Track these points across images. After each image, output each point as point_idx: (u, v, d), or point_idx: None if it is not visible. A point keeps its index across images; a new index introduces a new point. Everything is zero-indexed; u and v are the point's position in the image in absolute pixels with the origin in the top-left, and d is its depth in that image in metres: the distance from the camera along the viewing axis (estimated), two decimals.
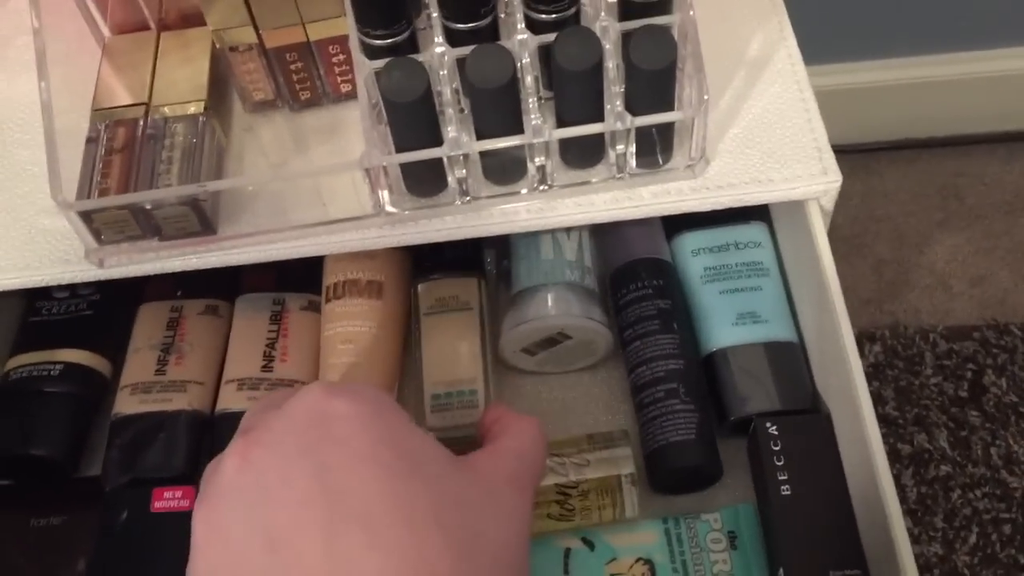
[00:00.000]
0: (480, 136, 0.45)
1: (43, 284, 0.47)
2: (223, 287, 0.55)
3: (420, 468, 0.30)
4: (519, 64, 0.43)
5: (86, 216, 0.45)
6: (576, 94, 0.44)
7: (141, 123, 0.48)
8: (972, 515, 1.09)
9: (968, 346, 1.19)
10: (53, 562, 0.47)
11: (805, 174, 0.47)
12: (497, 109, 0.44)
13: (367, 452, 0.29)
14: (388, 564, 0.28)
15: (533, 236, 0.52)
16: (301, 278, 0.54)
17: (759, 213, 0.55)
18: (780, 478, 0.47)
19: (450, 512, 0.29)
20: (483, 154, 0.45)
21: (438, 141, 0.45)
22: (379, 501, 0.28)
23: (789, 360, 0.51)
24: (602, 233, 0.54)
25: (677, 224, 0.55)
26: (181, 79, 0.49)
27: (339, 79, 0.50)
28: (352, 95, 0.51)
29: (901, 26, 1.18)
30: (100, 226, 0.45)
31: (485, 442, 0.36)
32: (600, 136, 0.46)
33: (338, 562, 0.28)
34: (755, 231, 0.54)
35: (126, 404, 0.50)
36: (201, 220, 0.46)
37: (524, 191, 0.47)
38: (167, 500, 0.47)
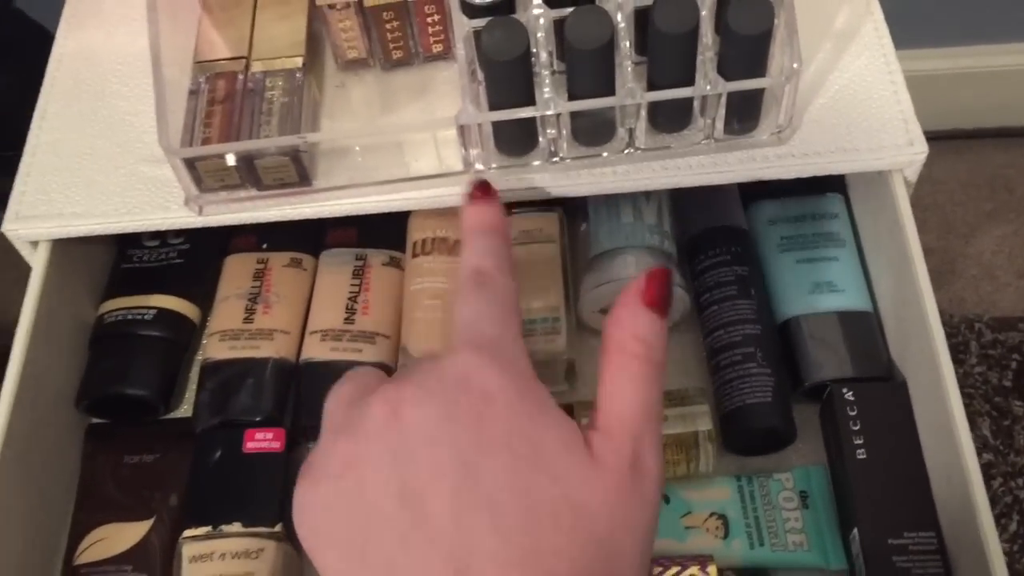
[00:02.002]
0: (573, 97, 0.46)
1: (145, 229, 0.48)
2: (306, 242, 0.56)
3: (549, 461, 0.30)
4: (616, 27, 0.44)
5: (190, 163, 0.46)
6: (671, 58, 0.45)
7: (241, 76, 0.49)
8: (1013, 503, 1.09)
9: (1013, 336, 1.19)
10: (147, 496, 0.49)
11: (891, 144, 0.48)
12: (593, 70, 0.45)
13: (502, 438, 0.30)
14: (506, 550, 0.28)
15: (614, 200, 0.53)
16: (382, 235, 0.56)
17: (835, 185, 0.56)
18: (856, 442, 0.47)
19: (571, 514, 0.29)
20: (574, 115, 0.46)
21: (532, 101, 0.46)
22: (506, 488, 0.29)
23: (864, 329, 0.51)
24: (680, 200, 0.55)
25: (752, 194, 0.56)
26: (279, 35, 0.50)
27: (431, 39, 0.51)
28: (442, 56, 0.52)
29: (952, 15, 1.17)
30: (202, 174, 0.47)
31: (597, 410, 0.33)
32: (689, 101, 0.47)
33: (461, 534, 0.28)
34: (832, 203, 0.55)
35: (216, 350, 0.52)
36: (299, 171, 0.47)
37: (612, 154, 0.48)
38: (259, 441, 0.49)
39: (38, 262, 0.50)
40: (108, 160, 0.50)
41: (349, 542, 0.30)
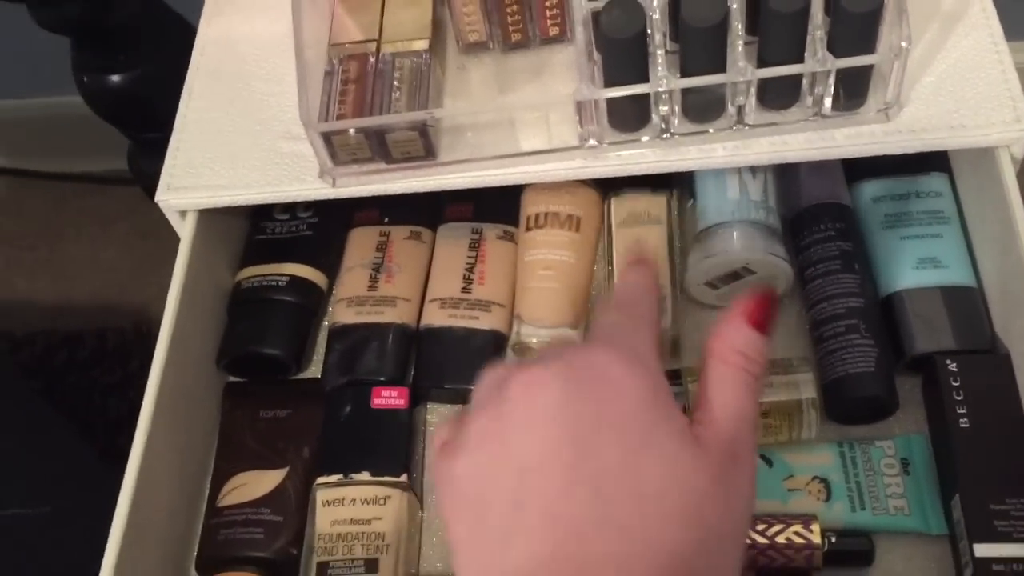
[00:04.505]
0: (685, 74, 0.48)
1: (284, 200, 0.52)
2: (424, 216, 0.60)
3: (660, 444, 0.32)
4: (729, 7, 0.47)
5: (326, 138, 0.50)
6: (781, 36, 0.47)
7: (372, 58, 0.53)
8: None
9: None
10: (282, 448, 0.53)
11: (998, 121, 0.49)
12: (705, 48, 0.47)
13: (617, 419, 0.32)
14: (607, 520, 0.31)
15: (720, 176, 0.55)
16: (496, 210, 0.59)
17: (938, 165, 0.57)
18: (959, 412, 0.49)
19: (678, 491, 0.32)
20: (686, 92, 0.49)
21: (646, 79, 0.48)
22: (615, 465, 0.32)
23: (968, 304, 0.52)
24: (785, 177, 0.57)
25: (856, 174, 0.57)
26: (407, 19, 0.54)
27: (548, 23, 0.54)
28: (557, 39, 0.55)
29: None
30: (337, 148, 0.50)
31: (698, 409, 0.35)
32: (797, 78, 0.49)
33: (569, 504, 0.31)
34: (936, 181, 0.56)
35: (343, 315, 0.56)
36: (426, 145, 0.50)
37: (721, 130, 0.50)
38: (385, 398, 0.52)
39: (186, 231, 0.54)
40: (249, 137, 0.54)
41: (475, 509, 0.33)
